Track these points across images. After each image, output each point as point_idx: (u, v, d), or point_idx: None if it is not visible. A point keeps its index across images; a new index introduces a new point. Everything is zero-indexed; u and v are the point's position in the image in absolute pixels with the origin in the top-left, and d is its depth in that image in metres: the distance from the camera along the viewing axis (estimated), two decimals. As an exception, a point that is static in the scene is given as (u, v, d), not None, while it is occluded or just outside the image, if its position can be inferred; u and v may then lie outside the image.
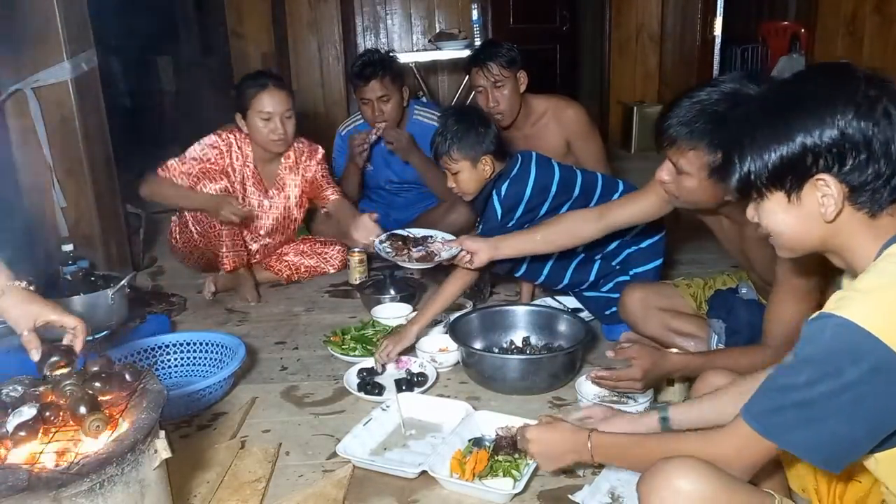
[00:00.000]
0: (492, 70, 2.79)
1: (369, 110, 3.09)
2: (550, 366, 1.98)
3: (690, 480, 1.10)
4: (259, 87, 2.64)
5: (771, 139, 1.05)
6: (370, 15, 5.62)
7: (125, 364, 1.37)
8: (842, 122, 1.00)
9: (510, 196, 2.23)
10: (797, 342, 1.04)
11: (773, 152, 1.05)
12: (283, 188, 2.89)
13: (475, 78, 2.86)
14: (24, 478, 1.03)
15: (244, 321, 2.64)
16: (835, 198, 1.02)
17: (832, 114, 1.00)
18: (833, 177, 1.02)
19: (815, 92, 1.04)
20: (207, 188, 2.66)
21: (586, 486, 1.52)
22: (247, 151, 2.78)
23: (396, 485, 1.58)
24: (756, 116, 1.09)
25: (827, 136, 1.00)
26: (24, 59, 2.62)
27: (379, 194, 3.43)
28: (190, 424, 1.87)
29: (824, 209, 1.04)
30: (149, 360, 2.04)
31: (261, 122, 2.66)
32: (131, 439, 1.14)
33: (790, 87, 1.08)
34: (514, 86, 2.84)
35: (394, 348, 2.09)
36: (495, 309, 2.32)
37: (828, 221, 1.05)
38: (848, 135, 1.00)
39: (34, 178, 2.76)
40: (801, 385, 1.00)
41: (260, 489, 1.56)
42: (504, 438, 1.58)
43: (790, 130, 1.03)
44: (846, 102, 1.00)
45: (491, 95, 2.82)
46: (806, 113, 1.02)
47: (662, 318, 2.09)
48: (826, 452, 1.02)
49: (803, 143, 1.02)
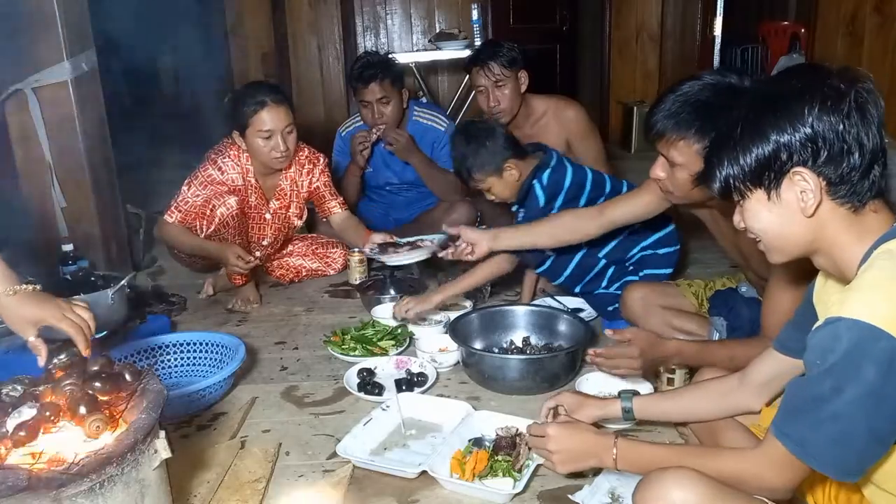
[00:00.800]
0: (493, 70, 2.78)
1: (369, 113, 3.09)
2: (550, 366, 1.98)
3: (686, 491, 1.10)
4: (258, 106, 2.52)
5: (747, 141, 1.07)
6: (370, 15, 5.62)
7: (125, 364, 1.37)
8: (811, 117, 1.02)
9: (552, 184, 2.24)
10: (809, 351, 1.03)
11: (749, 154, 1.07)
12: (284, 198, 2.82)
13: (476, 77, 2.85)
14: (24, 478, 1.03)
15: (244, 321, 2.64)
16: (813, 191, 1.04)
17: (802, 110, 1.02)
18: (809, 170, 1.03)
19: (786, 92, 1.06)
20: (221, 208, 2.60)
21: (586, 486, 1.52)
22: (246, 166, 2.69)
23: (396, 485, 1.58)
24: (732, 123, 1.10)
25: (799, 132, 1.02)
26: (24, 59, 2.62)
27: (379, 194, 3.43)
28: (190, 424, 1.87)
29: (804, 203, 1.05)
30: (149, 360, 2.04)
31: (261, 141, 2.56)
32: (131, 439, 1.14)
33: (764, 91, 1.10)
34: (515, 85, 2.83)
35: (414, 307, 2.21)
36: (495, 309, 2.32)
37: (808, 216, 1.06)
38: (819, 130, 1.02)
39: (34, 178, 2.76)
40: (827, 395, 0.99)
41: (260, 489, 1.56)
42: (504, 438, 1.58)
43: (764, 130, 1.05)
44: (815, 99, 1.02)
45: (492, 95, 2.82)
46: (778, 112, 1.04)
47: (664, 317, 2.10)
48: (854, 465, 1.02)
49: (777, 140, 1.04)
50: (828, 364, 0.99)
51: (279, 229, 2.87)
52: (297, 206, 2.87)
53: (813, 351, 1.02)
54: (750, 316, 1.92)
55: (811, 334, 1.04)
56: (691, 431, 1.61)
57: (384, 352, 2.23)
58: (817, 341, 1.02)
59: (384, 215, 3.43)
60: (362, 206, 3.42)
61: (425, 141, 3.24)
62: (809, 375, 1.04)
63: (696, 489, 1.10)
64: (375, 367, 2.11)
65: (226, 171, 2.66)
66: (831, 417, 0.99)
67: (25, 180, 2.78)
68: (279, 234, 2.89)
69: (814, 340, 1.03)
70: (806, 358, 1.04)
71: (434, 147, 3.26)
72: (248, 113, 2.54)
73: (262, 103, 2.53)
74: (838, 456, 1.01)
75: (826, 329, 1.00)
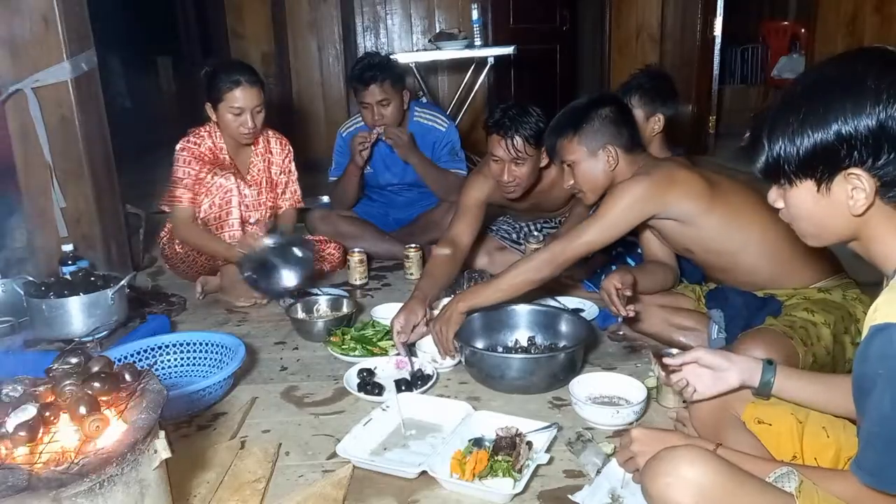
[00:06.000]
0: (516, 145, 2.37)
1: (369, 114, 3.09)
2: (550, 365, 1.97)
3: (697, 469, 1.07)
4: (232, 84, 2.65)
5: (806, 123, 0.99)
6: (370, 15, 5.62)
7: (125, 364, 1.37)
8: (883, 112, 0.94)
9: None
10: (865, 364, 0.97)
11: (806, 137, 0.99)
12: (258, 174, 2.91)
13: (493, 146, 2.42)
14: (24, 478, 1.03)
15: (244, 321, 2.63)
16: (866, 192, 0.98)
17: (873, 102, 0.94)
18: (866, 171, 0.97)
19: (858, 77, 0.97)
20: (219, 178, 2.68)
21: (586, 485, 1.52)
22: (219, 143, 2.81)
23: (396, 485, 1.58)
24: (792, 97, 1.03)
25: (864, 125, 0.95)
26: (24, 59, 2.62)
27: (379, 194, 3.43)
28: (190, 424, 1.86)
29: (854, 202, 1.00)
30: (149, 360, 2.04)
31: (231, 116, 2.69)
32: (131, 439, 1.14)
33: (832, 70, 1.01)
34: (535, 164, 2.46)
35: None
36: (496, 309, 2.31)
37: (857, 215, 1.01)
38: (888, 126, 0.94)
39: (34, 178, 2.76)
40: (889, 412, 0.93)
41: (260, 489, 1.56)
42: (504, 438, 1.58)
43: (826, 115, 0.97)
44: (890, 91, 0.94)
45: (508, 169, 2.43)
46: (845, 99, 0.97)
47: (662, 314, 2.14)
48: None
49: (839, 131, 0.97)
50: (891, 370, 0.93)
51: (262, 204, 2.91)
52: (266, 181, 2.92)
53: (870, 361, 0.96)
54: (744, 301, 1.97)
55: (862, 349, 0.98)
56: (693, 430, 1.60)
57: (384, 352, 2.23)
58: (874, 350, 0.95)
59: (384, 215, 3.43)
60: (362, 206, 3.42)
61: (426, 141, 3.24)
62: (872, 391, 0.96)
63: (708, 468, 1.07)
64: (375, 367, 2.11)
65: (200, 144, 2.76)
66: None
67: (25, 180, 2.78)
68: (264, 210, 2.91)
69: (869, 351, 0.96)
70: (863, 372, 0.98)
71: (435, 147, 3.26)
72: (223, 89, 2.67)
73: (237, 82, 2.65)
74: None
75: (882, 336, 0.94)
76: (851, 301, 1.88)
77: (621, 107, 2.08)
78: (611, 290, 1.96)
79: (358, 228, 3.28)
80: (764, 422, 1.38)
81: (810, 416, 1.35)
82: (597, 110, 2.02)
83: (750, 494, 1.08)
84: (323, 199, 3.98)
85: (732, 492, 1.07)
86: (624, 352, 2.23)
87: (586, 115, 2.02)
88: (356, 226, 3.29)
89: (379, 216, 3.41)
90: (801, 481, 1.09)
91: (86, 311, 2.09)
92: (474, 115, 5.22)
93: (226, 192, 2.68)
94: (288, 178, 3.00)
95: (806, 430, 1.34)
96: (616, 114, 2.03)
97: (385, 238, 3.27)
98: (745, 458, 1.20)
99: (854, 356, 1.01)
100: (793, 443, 1.34)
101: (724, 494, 1.07)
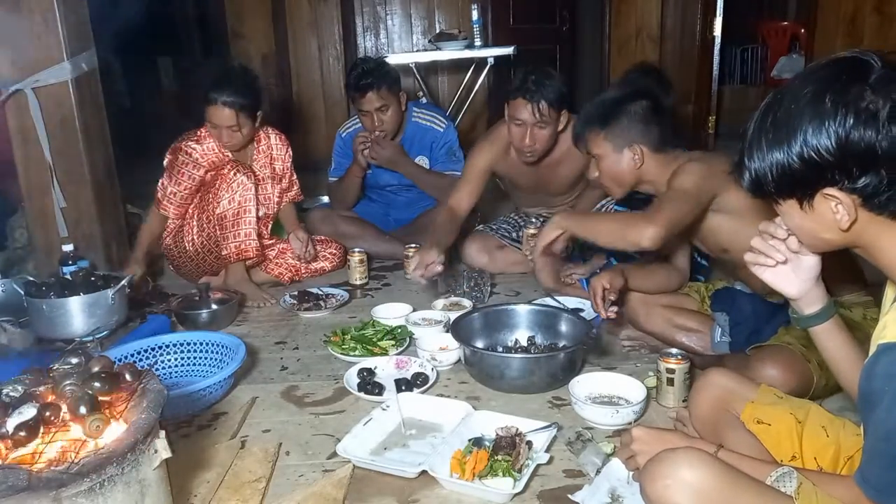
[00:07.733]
0: (542, 109, 2.46)
1: (369, 121, 3.09)
2: (549, 365, 1.97)
3: (696, 471, 1.07)
4: (209, 101, 2.66)
5: (773, 145, 1.00)
6: (370, 15, 5.62)
7: (125, 364, 1.37)
8: (841, 130, 0.92)
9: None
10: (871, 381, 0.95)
11: (775, 160, 1.00)
12: (259, 170, 2.91)
13: (518, 110, 2.49)
14: (24, 478, 1.03)
15: (244, 321, 2.64)
16: (847, 208, 0.98)
17: (831, 121, 0.93)
18: (840, 190, 0.96)
19: (819, 95, 0.95)
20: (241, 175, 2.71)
21: (586, 485, 1.52)
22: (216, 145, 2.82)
23: (396, 485, 1.58)
24: (765, 115, 1.02)
25: (824, 146, 0.93)
26: (24, 59, 2.62)
27: (379, 194, 3.43)
28: (190, 424, 1.86)
29: (839, 217, 0.99)
30: (149, 360, 2.04)
31: (211, 128, 2.75)
32: (131, 439, 1.14)
33: (800, 86, 0.99)
34: (555, 128, 2.57)
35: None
36: (497, 308, 2.32)
37: (844, 230, 1.01)
38: (848, 145, 0.92)
39: (34, 178, 2.76)
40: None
41: (260, 489, 1.56)
42: (504, 438, 1.58)
43: (789, 138, 0.97)
44: (846, 106, 0.92)
45: (531, 133, 2.52)
46: (804, 119, 0.95)
47: (665, 315, 2.13)
48: None
49: (800, 154, 0.96)
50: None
51: (269, 199, 2.94)
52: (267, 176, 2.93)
53: (876, 379, 0.95)
54: (752, 309, 1.94)
55: (869, 366, 0.97)
56: (693, 430, 1.60)
57: (384, 352, 2.23)
58: (881, 369, 0.94)
59: (384, 215, 3.43)
60: (362, 206, 3.42)
61: (424, 141, 3.24)
62: (878, 407, 0.95)
63: (708, 471, 1.07)
64: (375, 367, 2.11)
65: (195, 151, 2.77)
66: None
67: (26, 180, 2.78)
68: (270, 204, 2.94)
69: (876, 369, 0.95)
70: (869, 388, 0.97)
71: (433, 147, 3.26)
72: (206, 99, 2.69)
73: (212, 100, 2.67)
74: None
75: (889, 355, 0.94)
76: (870, 321, 1.79)
77: (654, 103, 1.98)
78: (598, 289, 1.96)
79: (358, 228, 3.28)
80: (763, 422, 1.38)
81: (810, 415, 1.35)
82: (627, 106, 1.95)
83: (749, 498, 1.07)
84: (323, 199, 3.98)
85: (731, 495, 1.07)
86: (624, 352, 2.23)
87: (615, 110, 1.96)
88: (356, 226, 3.29)
89: (379, 216, 3.41)
90: (800, 483, 1.09)
91: (86, 311, 2.09)
92: (474, 115, 5.22)
93: (246, 190, 2.71)
94: (289, 174, 3.01)
95: (805, 430, 1.34)
96: (646, 111, 1.95)
97: (385, 238, 3.27)
98: (746, 460, 1.20)
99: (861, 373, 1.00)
100: (792, 442, 1.34)
101: (723, 498, 1.07)
